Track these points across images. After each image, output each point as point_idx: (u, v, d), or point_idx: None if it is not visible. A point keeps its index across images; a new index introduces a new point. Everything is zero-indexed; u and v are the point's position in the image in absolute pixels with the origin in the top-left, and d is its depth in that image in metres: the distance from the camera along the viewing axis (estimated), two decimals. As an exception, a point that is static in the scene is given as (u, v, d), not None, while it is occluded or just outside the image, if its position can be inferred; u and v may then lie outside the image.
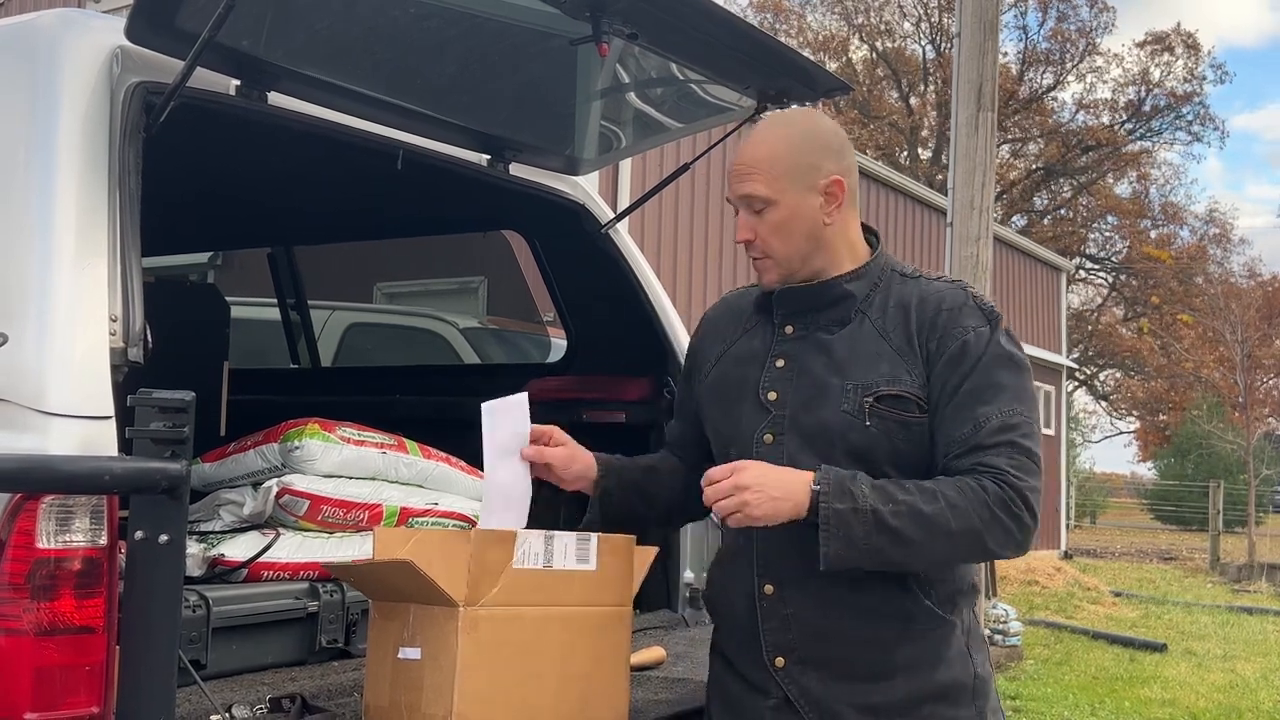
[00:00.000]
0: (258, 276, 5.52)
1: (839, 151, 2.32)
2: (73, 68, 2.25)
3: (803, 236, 2.29)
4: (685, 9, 2.59)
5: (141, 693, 1.94)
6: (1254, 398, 26.32)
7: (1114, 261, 40.75)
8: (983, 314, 2.27)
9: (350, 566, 2.44)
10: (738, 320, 2.46)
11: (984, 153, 6.71)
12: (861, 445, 2.22)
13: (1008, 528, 2.13)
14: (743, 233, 2.32)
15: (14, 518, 1.93)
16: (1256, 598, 16.97)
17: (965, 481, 2.14)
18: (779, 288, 2.35)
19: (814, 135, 2.32)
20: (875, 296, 2.31)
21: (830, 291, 2.31)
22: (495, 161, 3.27)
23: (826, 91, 3.17)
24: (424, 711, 2.10)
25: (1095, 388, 42.32)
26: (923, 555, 2.16)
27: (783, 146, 2.28)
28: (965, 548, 2.16)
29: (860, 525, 2.10)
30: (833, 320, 2.31)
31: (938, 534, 2.11)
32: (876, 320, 2.29)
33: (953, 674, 2.26)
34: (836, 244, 2.32)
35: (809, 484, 2.13)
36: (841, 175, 2.29)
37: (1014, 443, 2.16)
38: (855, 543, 2.11)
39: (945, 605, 2.27)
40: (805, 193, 2.27)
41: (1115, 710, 8.67)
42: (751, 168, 2.28)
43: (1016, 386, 2.22)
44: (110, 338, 2.12)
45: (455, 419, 4.07)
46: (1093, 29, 38.36)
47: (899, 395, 2.21)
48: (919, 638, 2.24)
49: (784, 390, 2.30)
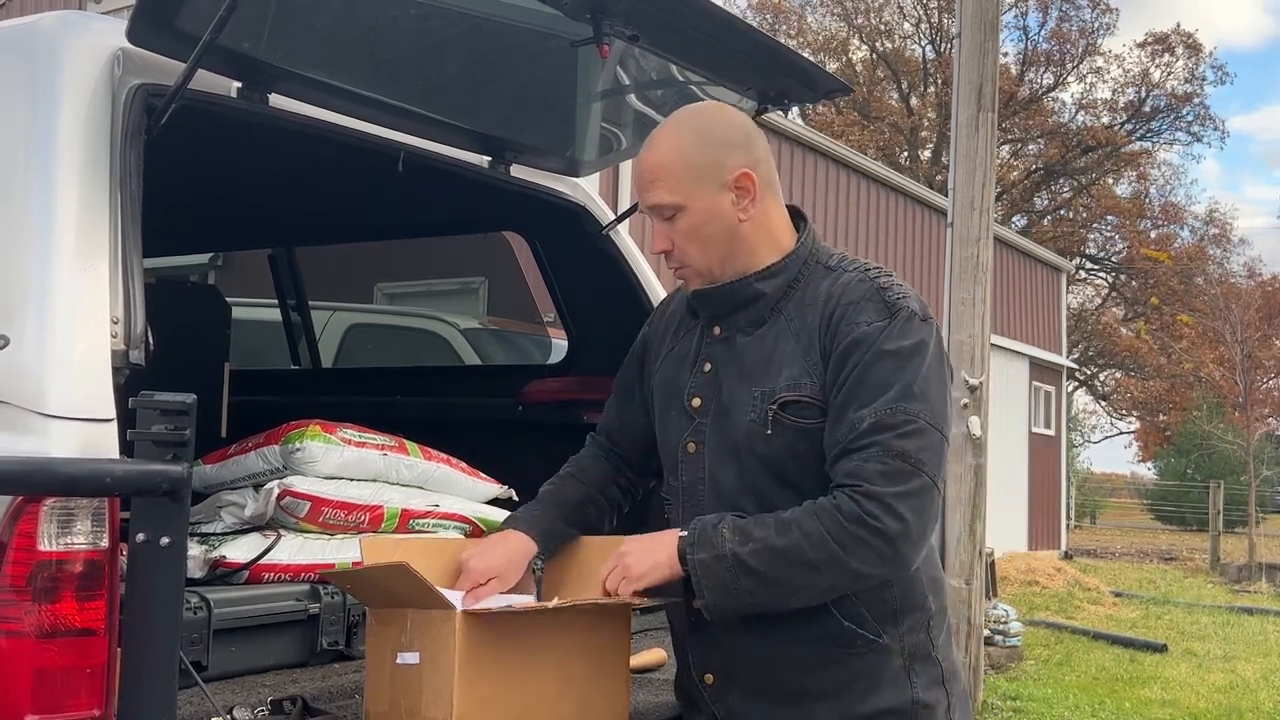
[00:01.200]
0: (259, 277, 5.52)
1: (744, 143, 2.19)
2: (74, 69, 2.25)
3: (719, 238, 2.18)
4: (686, 10, 2.59)
5: (143, 694, 1.94)
6: (1254, 398, 26.32)
7: (1114, 262, 40.75)
8: (885, 306, 2.11)
9: (346, 573, 2.44)
10: (683, 318, 2.38)
11: (984, 153, 6.71)
12: (768, 455, 2.14)
13: (869, 544, 2.00)
14: (659, 243, 2.22)
15: (15, 520, 1.93)
16: (1257, 598, 16.97)
17: (822, 503, 2.03)
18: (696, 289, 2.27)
19: (712, 130, 2.20)
20: (795, 292, 2.20)
21: (741, 292, 2.21)
22: (496, 163, 3.27)
23: (826, 92, 3.17)
24: (424, 715, 2.10)
25: (1095, 388, 42.33)
26: (794, 591, 2.05)
27: (681, 148, 2.17)
28: (832, 575, 2.03)
29: (726, 571, 2.04)
30: (749, 321, 2.21)
31: (798, 566, 2.02)
32: (792, 320, 2.18)
33: (884, 701, 2.14)
34: (756, 240, 2.21)
35: (677, 536, 2.10)
36: (749, 167, 2.17)
37: (884, 445, 2.01)
38: (728, 589, 2.04)
39: (878, 627, 2.14)
40: (714, 192, 2.16)
41: (1116, 711, 8.67)
42: (653, 175, 2.18)
43: (904, 384, 2.05)
44: (111, 339, 2.12)
45: (456, 420, 4.10)
46: (1093, 29, 38.39)
47: (798, 401, 2.11)
48: (844, 661, 2.14)
49: (706, 396, 2.23)
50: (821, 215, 16.26)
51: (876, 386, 2.06)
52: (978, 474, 6.49)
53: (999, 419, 16.15)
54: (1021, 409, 21.83)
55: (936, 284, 17.58)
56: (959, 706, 2.25)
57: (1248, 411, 25.34)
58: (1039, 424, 22.97)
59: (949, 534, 6.45)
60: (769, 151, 2.26)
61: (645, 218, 2.30)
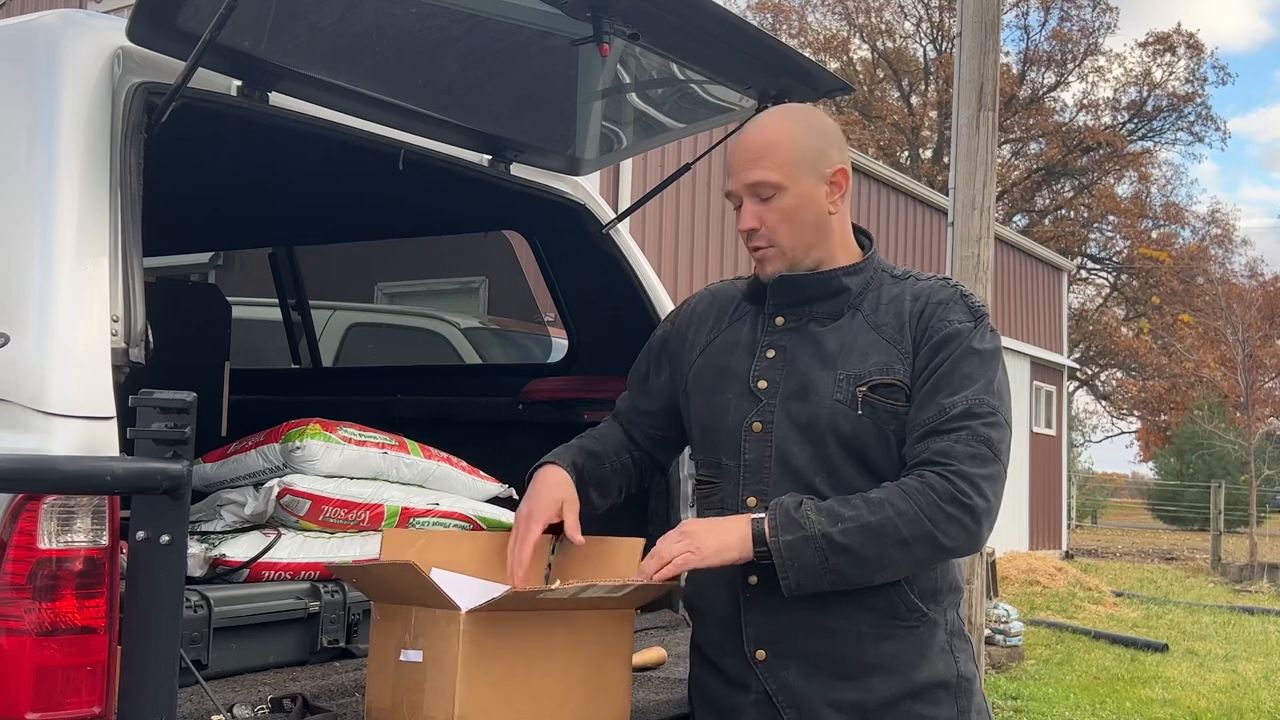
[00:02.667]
0: (259, 277, 5.52)
1: (840, 143, 2.34)
2: (74, 68, 2.25)
3: (810, 225, 2.28)
4: (686, 9, 2.59)
5: (143, 693, 1.94)
6: (1255, 397, 26.32)
7: (1115, 261, 40.75)
8: (969, 310, 2.28)
9: (352, 568, 2.44)
10: (724, 310, 2.45)
11: (985, 152, 6.70)
12: (851, 434, 2.22)
13: (960, 521, 2.13)
14: (748, 220, 2.29)
15: (15, 518, 1.93)
16: (1258, 598, 16.97)
17: (910, 483, 2.14)
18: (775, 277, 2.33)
19: (819, 124, 2.34)
20: (869, 294, 2.32)
21: (828, 283, 2.31)
22: (496, 162, 3.27)
23: (827, 91, 3.17)
24: (425, 713, 2.10)
25: (1096, 388, 42.33)
26: (883, 568, 2.15)
27: (792, 132, 2.29)
28: (922, 551, 2.15)
29: (814, 552, 2.11)
30: (826, 313, 2.31)
31: (890, 544, 2.11)
32: (869, 315, 2.29)
33: (935, 672, 2.25)
34: (837, 237, 2.33)
35: (749, 520, 2.15)
36: (845, 165, 2.31)
37: (973, 429, 2.16)
38: (813, 569, 2.11)
39: (929, 601, 2.26)
40: (815, 180, 2.27)
41: (1116, 710, 8.67)
42: (761, 153, 2.26)
43: (988, 380, 2.22)
44: (112, 338, 2.12)
45: (457, 419, 4.10)
46: (1094, 29, 38.39)
47: (892, 384, 2.22)
48: (902, 634, 2.24)
49: (774, 379, 2.29)
50: (822, 215, 16.26)
51: (964, 378, 2.20)
52: (978, 473, 6.48)
53: (1000, 418, 16.13)
54: (1022, 409, 21.84)
55: (937, 283, 17.57)
56: (982, 684, 2.38)
57: (1249, 411, 25.34)
58: (1040, 424, 22.97)
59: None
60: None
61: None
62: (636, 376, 2.60)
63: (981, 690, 2.36)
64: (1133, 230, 39.74)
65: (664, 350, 2.54)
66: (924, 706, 2.24)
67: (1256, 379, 27.41)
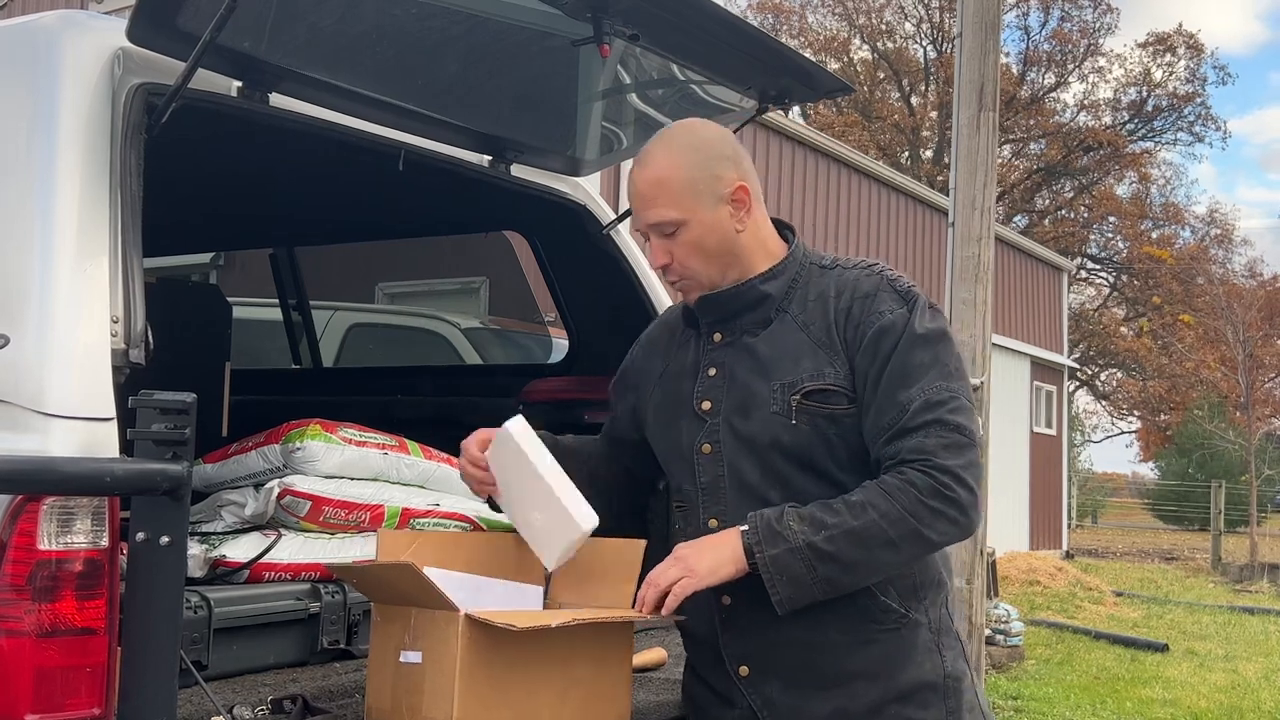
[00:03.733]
0: (260, 277, 5.51)
1: (734, 157, 2.26)
2: (74, 69, 2.25)
3: (720, 250, 2.25)
4: (686, 10, 2.59)
5: (143, 694, 1.94)
6: (1256, 397, 26.32)
7: (1115, 262, 40.74)
8: (898, 295, 2.21)
9: (352, 568, 2.44)
10: (672, 336, 2.44)
11: (985, 153, 6.70)
12: (793, 445, 2.19)
13: (945, 514, 2.08)
14: (658, 258, 2.28)
15: (15, 519, 1.93)
16: (1258, 598, 16.96)
17: (890, 481, 2.10)
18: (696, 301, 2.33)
19: (706, 145, 2.26)
20: (795, 292, 2.28)
21: (747, 294, 2.28)
22: (496, 162, 3.27)
23: (828, 92, 3.17)
24: (425, 714, 2.10)
25: (1096, 388, 42.31)
26: (872, 570, 2.12)
27: (678, 164, 2.22)
28: (910, 550, 2.12)
29: (800, 563, 2.07)
30: (755, 323, 2.28)
31: (877, 546, 2.08)
32: (798, 316, 2.25)
33: (920, 674, 2.21)
34: (751, 249, 2.28)
35: (738, 534, 2.12)
36: (743, 180, 2.25)
37: (941, 420, 2.11)
38: (802, 581, 2.08)
39: (907, 601, 2.22)
40: (713, 204, 2.22)
41: (1117, 710, 8.67)
42: (653, 192, 2.23)
43: (939, 363, 2.16)
44: (111, 338, 2.12)
45: (457, 419, 4.09)
46: (1095, 29, 38.38)
47: (824, 389, 2.18)
48: (882, 638, 2.20)
49: (717, 398, 2.28)
50: (823, 215, 16.26)
51: (917, 369, 2.15)
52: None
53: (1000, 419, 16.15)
54: (1023, 409, 21.83)
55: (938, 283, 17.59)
56: (978, 680, 2.33)
57: (1249, 411, 25.33)
58: (1040, 424, 22.97)
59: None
60: (752, 164, 2.33)
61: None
62: (611, 403, 2.60)
63: (975, 687, 2.32)
64: (1133, 231, 39.72)
65: (625, 380, 2.54)
66: (911, 710, 2.20)
67: (1257, 379, 27.41)
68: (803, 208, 15.83)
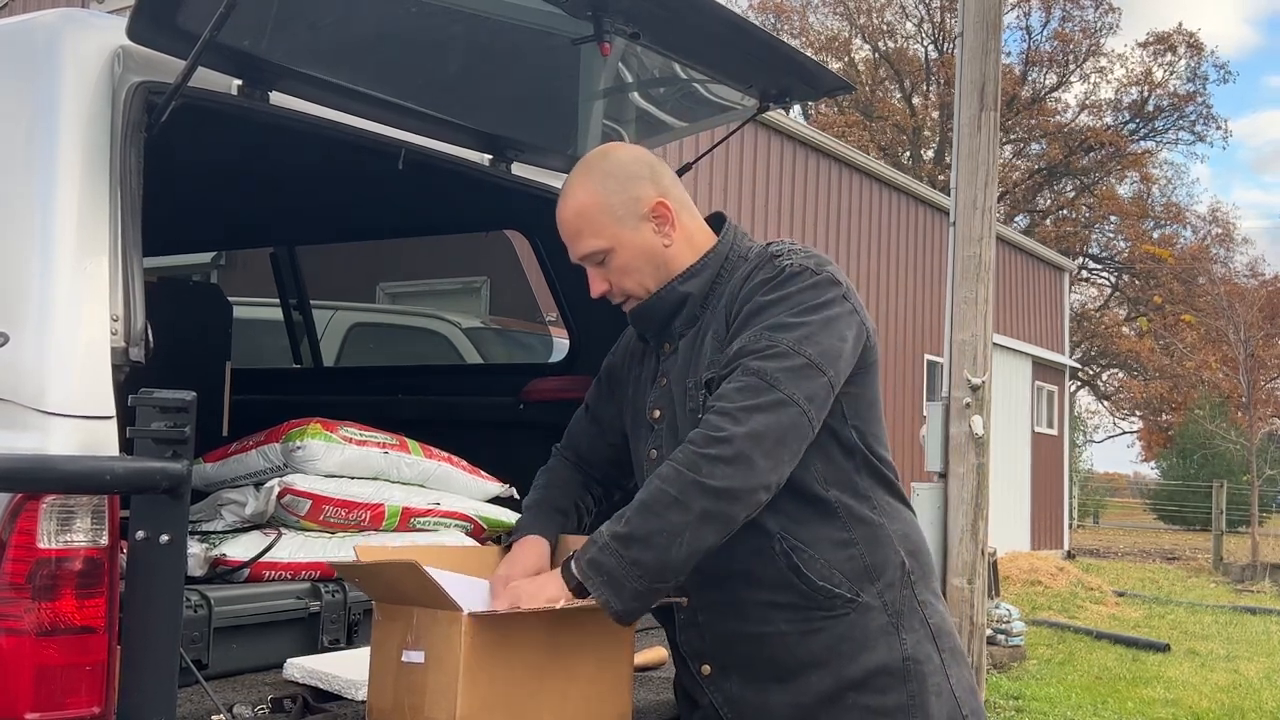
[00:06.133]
0: (261, 277, 5.52)
1: (650, 176, 2.28)
2: (74, 67, 2.25)
3: (651, 266, 2.27)
4: (687, 8, 2.59)
5: (143, 693, 1.93)
6: (1257, 397, 26.30)
7: (1116, 262, 40.72)
8: (773, 268, 2.18)
9: (355, 566, 2.44)
10: (640, 345, 2.46)
11: (987, 152, 6.69)
12: None
13: (718, 456, 1.98)
14: (597, 286, 2.32)
15: (15, 517, 1.93)
16: (1259, 598, 16.95)
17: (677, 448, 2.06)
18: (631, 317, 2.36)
19: (620, 168, 2.28)
20: (720, 287, 2.27)
21: (668, 298, 2.29)
22: (497, 161, 3.27)
23: (829, 90, 3.16)
24: (427, 714, 2.10)
25: (1098, 388, 42.30)
26: (674, 536, 1.99)
27: (595, 192, 2.25)
28: (700, 503, 1.98)
29: (610, 557, 2.02)
30: (685, 324, 2.29)
31: (664, 508, 1.99)
32: (716, 311, 2.25)
33: (875, 660, 2.15)
34: (681, 257, 2.29)
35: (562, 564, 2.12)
36: (662, 195, 2.26)
37: (745, 365, 2.06)
38: (616, 575, 2.01)
39: (857, 585, 2.16)
40: (635, 224, 2.25)
41: (1118, 710, 8.66)
42: (577, 225, 2.27)
43: (773, 320, 2.10)
44: (111, 337, 2.12)
45: (458, 419, 4.09)
46: (1096, 29, 38.36)
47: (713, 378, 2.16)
48: (829, 624, 2.15)
49: (665, 407, 2.30)
50: (824, 214, 16.26)
51: (750, 326, 2.12)
52: (980, 473, 6.47)
53: (1001, 418, 16.16)
54: (1024, 408, 21.82)
55: (939, 283, 17.57)
56: (953, 662, 2.25)
57: (1250, 411, 25.32)
58: (1041, 423, 22.95)
59: (951, 533, 6.44)
60: (674, 175, 2.36)
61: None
62: (589, 405, 2.59)
63: (946, 670, 2.22)
64: (1134, 231, 39.71)
65: (610, 380, 2.54)
66: (869, 696, 2.14)
67: (1258, 379, 27.38)
68: (803, 207, 15.83)
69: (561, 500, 2.48)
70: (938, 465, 6.51)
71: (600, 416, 2.55)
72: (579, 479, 2.55)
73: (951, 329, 6.60)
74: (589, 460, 2.57)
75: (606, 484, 2.58)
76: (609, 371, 2.55)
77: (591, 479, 2.56)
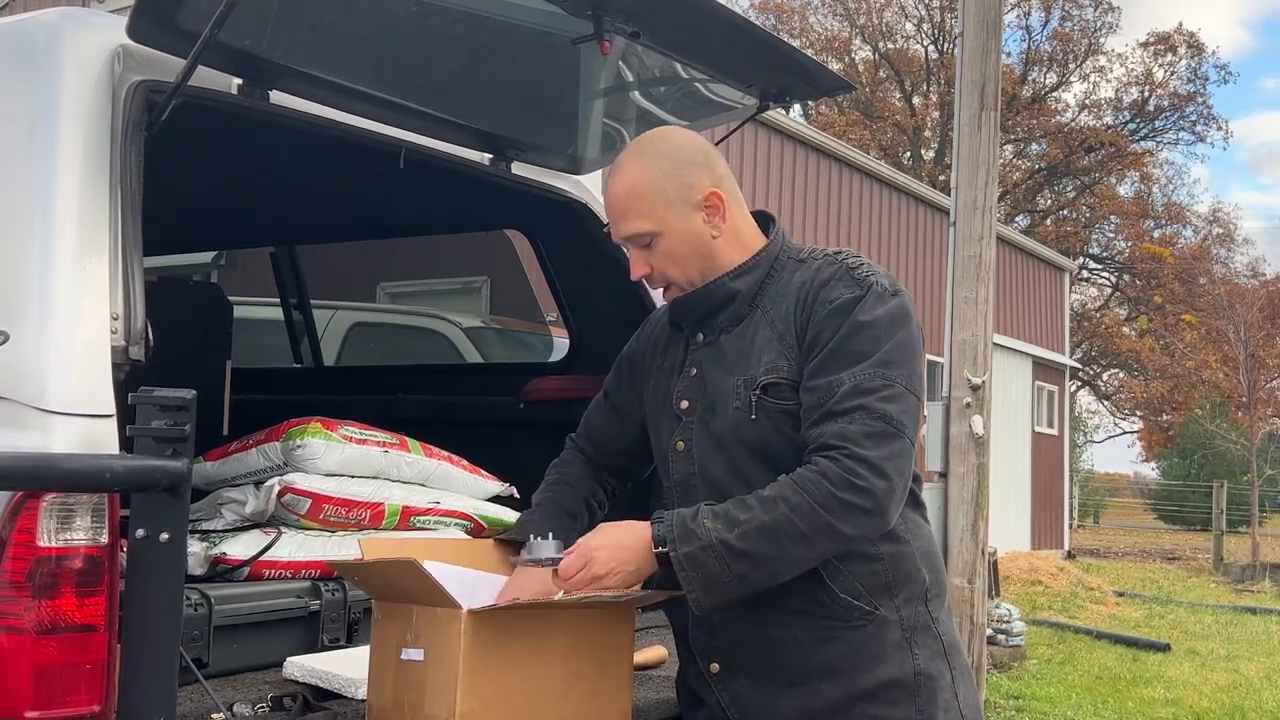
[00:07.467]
0: (261, 276, 5.52)
1: (706, 163, 2.26)
2: (74, 66, 2.25)
3: (696, 255, 2.26)
4: (687, 7, 2.59)
5: (143, 691, 1.94)
6: (1257, 398, 26.30)
7: (1117, 262, 40.71)
8: (855, 282, 2.18)
9: (354, 565, 2.44)
10: (667, 333, 2.45)
11: (987, 152, 6.69)
12: (755, 440, 2.18)
13: (857, 505, 2.03)
14: (637, 269, 2.29)
15: (15, 516, 1.93)
16: (1260, 598, 16.95)
17: (803, 474, 2.06)
18: (671, 304, 2.34)
19: (677, 153, 2.26)
20: (769, 287, 2.27)
21: (717, 293, 2.28)
22: (497, 160, 3.27)
23: (829, 90, 3.17)
24: (427, 712, 2.10)
25: (1098, 388, 42.29)
26: (787, 566, 2.07)
27: (650, 173, 2.22)
28: (824, 544, 2.06)
29: (714, 560, 2.04)
30: (729, 320, 2.28)
31: (789, 541, 2.04)
32: (768, 310, 2.24)
33: (887, 673, 2.16)
34: (729, 249, 2.28)
35: (649, 526, 2.10)
36: (716, 185, 2.25)
37: (867, 406, 2.06)
38: (717, 579, 2.05)
39: (876, 598, 2.17)
40: (687, 212, 2.22)
41: (1118, 710, 8.66)
42: (626, 204, 2.24)
43: (879, 350, 2.11)
44: (111, 335, 2.12)
45: (458, 418, 4.09)
46: (1096, 29, 38.35)
47: (777, 383, 2.16)
48: (846, 635, 2.17)
49: (694, 397, 2.28)
50: (824, 214, 16.26)
51: (855, 355, 2.11)
52: (980, 473, 6.47)
53: (1002, 418, 16.14)
54: (1024, 408, 21.82)
55: (939, 283, 17.56)
56: (962, 680, 2.26)
57: (1251, 411, 25.32)
58: (1042, 423, 22.96)
59: (951, 533, 6.44)
60: (728, 166, 2.32)
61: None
62: (606, 394, 2.58)
63: (955, 688, 2.24)
64: (1135, 230, 39.69)
65: (631, 368, 2.53)
66: (878, 708, 2.16)
67: (1259, 379, 27.39)
68: (804, 207, 15.83)
69: (571, 503, 2.48)
70: (938, 465, 6.51)
71: (619, 404, 2.54)
72: (590, 473, 2.55)
73: (952, 329, 6.59)
74: (604, 449, 2.56)
75: (620, 475, 2.57)
76: (630, 359, 2.54)
77: (604, 470, 2.55)
